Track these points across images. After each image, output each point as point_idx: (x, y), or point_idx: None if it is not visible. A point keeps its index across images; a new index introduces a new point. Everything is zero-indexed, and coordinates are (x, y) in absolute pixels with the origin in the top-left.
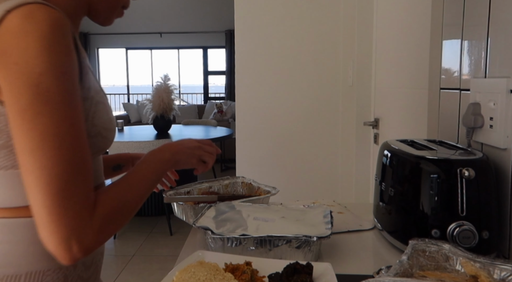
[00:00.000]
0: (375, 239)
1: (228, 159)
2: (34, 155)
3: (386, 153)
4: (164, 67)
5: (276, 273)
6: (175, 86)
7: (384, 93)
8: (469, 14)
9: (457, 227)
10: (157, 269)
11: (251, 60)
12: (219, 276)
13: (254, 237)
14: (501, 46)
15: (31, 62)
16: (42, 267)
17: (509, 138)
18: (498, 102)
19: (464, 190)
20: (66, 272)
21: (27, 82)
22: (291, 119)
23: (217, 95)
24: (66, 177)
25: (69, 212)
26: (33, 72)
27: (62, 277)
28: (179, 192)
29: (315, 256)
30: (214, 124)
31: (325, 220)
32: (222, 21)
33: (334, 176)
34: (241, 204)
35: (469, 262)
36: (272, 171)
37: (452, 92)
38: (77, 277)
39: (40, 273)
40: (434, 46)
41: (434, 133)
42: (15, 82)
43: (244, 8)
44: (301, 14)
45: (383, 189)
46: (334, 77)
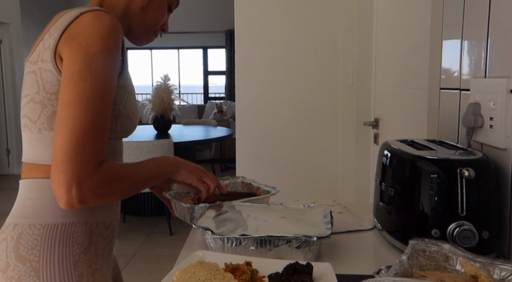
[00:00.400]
0: (375, 239)
1: (228, 159)
2: (68, 107)
3: (386, 153)
4: (164, 67)
5: (276, 273)
6: (175, 86)
7: (384, 93)
8: (469, 14)
9: (457, 227)
10: (157, 269)
11: (251, 60)
12: (219, 276)
13: (254, 237)
14: (501, 46)
15: (91, 44)
16: (74, 220)
17: (509, 138)
18: (498, 102)
19: (464, 190)
20: (91, 227)
21: (84, 56)
22: (291, 119)
23: (217, 95)
24: (85, 129)
25: (79, 157)
26: (90, 50)
27: (88, 231)
28: (179, 193)
29: (315, 256)
30: (214, 124)
31: (325, 220)
32: (222, 21)
33: (334, 176)
34: (241, 204)
35: (469, 262)
36: (272, 171)
37: (452, 92)
38: (99, 233)
39: (72, 224)
40: (434, 46)
41: (434, 133)
42: (75, 55)
43: (244, 8)
44: (301, 14)
45: (383, 189)
46: (334, 77)
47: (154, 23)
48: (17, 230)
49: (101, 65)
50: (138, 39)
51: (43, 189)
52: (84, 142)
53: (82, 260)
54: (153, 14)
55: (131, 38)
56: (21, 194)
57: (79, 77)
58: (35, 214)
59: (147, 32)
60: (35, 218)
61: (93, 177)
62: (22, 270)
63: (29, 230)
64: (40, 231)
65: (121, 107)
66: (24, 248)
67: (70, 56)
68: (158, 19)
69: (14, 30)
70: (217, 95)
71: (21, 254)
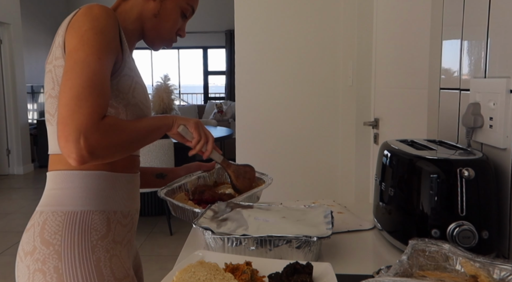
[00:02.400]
0: (375, 239)
1: (228, 159)
2: (67, 73)
3: (386, 153)
4: (164, 67)
5: (276, 273)
6: (175, 86)
7: (384, 93)
8: (469, 14)
9: (457, 227)
10: (157, 269)
11: (251, 60)
12: (219, 276)
13: (254, 237)
14: (501, 46)
15: (82, 24)
16: (92, 207)
17: (508, 138)
18: (498, 102)
19: (464, 190)
20: (109, 215)
21: (77, 35)
22: (291, 119)
23: (217, 95)
24: (85, 86)
25: (83, 109)
26: (81, 29)
27: (106, 219)
28: (172, 189)
29: (315, 256)
30: (214, 124)
31: (326, 220)
32: (222, 21)
33: (334, 176)
34: (242, 204)
35: (469, 262)
36: (272, 171)
37: (452, 92)
38: (117, 221)
39: (90, 212)
40: (434, 46)
41: (434, 133)
42: (72, 36)
43: (244, 8)
44: (301, 14)
45: (383, 189)
46: (334, 77)
47: (167, 30)
48: (43, 217)
49: (92, 38)
50: (153, 44)
51: (65, 180)
52: (85, 97)
53: (100, 246)
54: (165, 20)
55: (147, 42)
56: (48, 185)
57: (75, 50)
58: (58, 203)
59: (161, 38)
60: (58, 206)
61: (98, 127)
62: (46, 253)
63: (52, 217)
64: (61, 218)
65: (129, 95)
66: (48, 233)
67: (69, 38)
68: (171, 25)
69: (14, 30)
70: (217, 95)
71: (45, 238)
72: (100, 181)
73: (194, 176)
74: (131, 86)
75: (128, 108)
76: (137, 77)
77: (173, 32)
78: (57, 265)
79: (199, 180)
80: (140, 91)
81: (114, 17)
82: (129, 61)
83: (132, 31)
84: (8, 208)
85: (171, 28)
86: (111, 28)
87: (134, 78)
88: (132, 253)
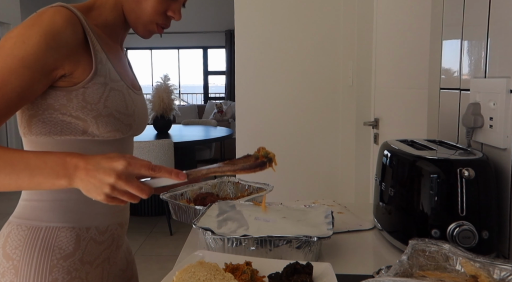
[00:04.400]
0: (375, 239)
1: (228, 159)
2: None
3: (386, 153)
4: (164, 67)
5: (276, 273)
6: (175, 86)
7: (384, 93)
8: (469, 14)
9: (457, 227)
10: (157, 269)
11: (251, 60)
12: (219, 276)
13: (254, 238)
14: (501, 46)
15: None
16: (58, 223)
17: (509, 138)
18: (498, 102)
19: (464, 190)
20: (79, 232)
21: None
22: (291, 119)
23: (217, 95)
24: None
25: None
26: (8, 35)
27: (75, 235)
28: (173, 195)
29: (315, 256)
30: (214, 124)
31: (327, 220)
32: (222, 21)
33: (334, 176)
34: (242, 204)
35: (469, 262)
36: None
37: (452, 92)
38: (90, 238)
39: (56, 228)
40: (434, 46)
41: (434, 133)
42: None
43: (244, 8)
44: (301, 14)
45: (383, 189)
46: (334, 77)
47: (148, 11)
48: (8, 228)
49: (8, 47)
50: (136, 29)
51: (34, 192)
52: None
53: (60, 266)
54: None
55: (132, 28)
56: (22, 194)
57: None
58: (24, 215)
59: (143, 21)
60: (24, 219)
61: None
62: (6, 266)
63: (17, 230)
64: (25, 233)
65: (100, 106)
66: (9, 246)
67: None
68: (151, 6)
69: None
70: (217, 95)
71: (6, 252)
72: (71, 194)
73: (196, 186)
74: (103, 95)
75: (99, 120)
76: (113, 82)
77: (156, 13)
78: (13, 280)
79: (201, 190)
80: (117, 99)
81: (67, 27)
82: (104, 67)
83: (114, 21)
84: (8, 208)
85: (152, 8)
86: (49, 40)
87: (109, 85)
88: (110, 271)
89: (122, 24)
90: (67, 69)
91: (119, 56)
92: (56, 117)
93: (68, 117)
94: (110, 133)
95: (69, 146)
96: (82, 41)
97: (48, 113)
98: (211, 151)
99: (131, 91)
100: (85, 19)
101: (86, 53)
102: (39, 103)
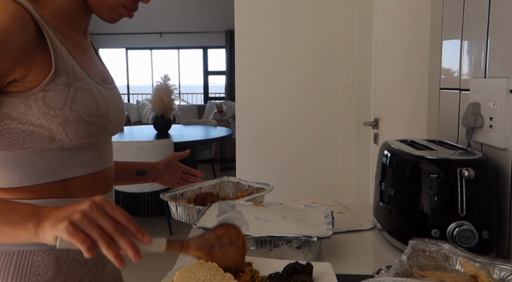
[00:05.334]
0: (375, 239)
1: (228, 159)
2: None
3: (386, 153)
4: (164, 67)
5: (276, 273)
6: (175, 86)
7: (384, 93)
8: (469, 14)
9: (457, 227)
10: (157, 269)
11: (251, 60)
12: (219, 276)
13: (254, 238)
14: (501, 46)
15: None
16: (33, 248)
17: (508, 138)
18: (498, 102)
19: (464, 190)
20: (58, 254)
21: None
22: (291, 119)
23: (217, 95)
24: None
25: None
26: None
27: (54, 259)
28: (173, 195)
29: (315, 256)
30: (214, 124)
31: (327, 220)
32: (222, 21)
33: (334, 176)
34: (242, 204)
35: (469, 262)
36: (272, 171)
37: (452, 92)
38: (72, 259)
39: (30, 253)
40: (434, 46)
41: (434, 133)
42: None
43: (244, 8)
44: (301, 14)
45: (383, 189)
46: (334, 77)
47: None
48: None
49: None
50: (101, 14)
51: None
52: None
53: None
54: None
55: (94, 12)
56: None
57: None
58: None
59: (107, 4)
60: None
61: None
62: None
63: None
64: None
65: (66, 110)
66: None
67: None
68: None
69: None
70: (217, 95)
71: None
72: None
73: (196, 186)
74: (68, 97)
75: (67, 126)
76: (79, 81)
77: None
78: None
79: (201, 190)
80: (85, 100)
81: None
82: (66, 64)
83: (72, 6)
84: None
85: None
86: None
87: (74, 84)
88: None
89: (81, 9)
90: (17, 74)
91: (83, 48)
92: (15, 127)
93: (29, 126)
94: (82, 140)
95: (36, 159)
96: (35, 38)
97: (5, 124)
98: (211, 151)
99: (101, 87)
100: (36, 9)
101: (41, 51)
102: None
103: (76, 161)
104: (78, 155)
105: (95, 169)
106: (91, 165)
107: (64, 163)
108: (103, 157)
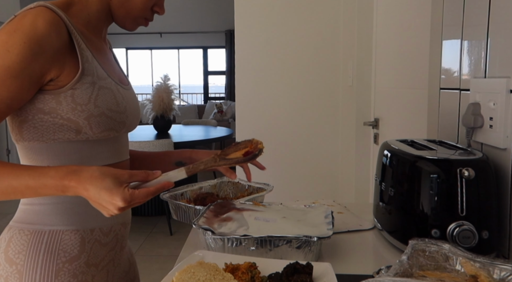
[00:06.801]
0: (375, 239)
1: None
2: None
3: (386, 153)
4: (164, 67)
5: (276, 273)
6: (175, 86)
7: (384, 93)
8: (469, 14)
9: (457, 227)
10: (157, 269)
11: (251, 60)
12: (219, 277)
13: (254, 238)
14: (501, 46)
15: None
16: (62, 226)
17: (508, 138)
18: (498, 102)
19: (464, 190)
20: (83, 235)
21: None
22: (291, 119)
23: (217, 95)
24: None
25: None
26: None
27: (79, 238)
28: (173, 195)
29: (315, 256)
30: (214, 124)
31: (327, 220)
32: (222, 21)
33: (334, 176)
34: (242, 204)
35: (469, 262)
36: (271, 171)
37: (452, 92)
38: (95, 240)
39: (59, 232)
40: (434, 46)
41: (434, 133)
42: None
43: (244, 8)
44: (301, 14)
45: (383, 189)
46: (334, 77)
47: (138, 6)
48: (10, 233)
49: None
50: (124, 24)
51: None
52: None
53: (66, 270)
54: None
55: (117, 22)
56: (22, 199)
57: None
58: (26, 220)
59: (132, 16)
60: (25, 223)
61: None
62: (9, 271)
63: (19, 235)
64: (27, 237)
65: (90, 106)
66: (12, 251)
67: None
68: (142, 3)
69: None
70: (217, 95)
71: (9, 256)
72: (73, 197)
73: (196, 186)
74: (92, 95)
75: (91, 120)
76: (102, 80)
77: (146, 9)
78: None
79: (201, 190)
80: (107, 97)
81: (56, 25)
82: (91, 66)
83: (98, 16)
84: (8, 208)
85: (142, 4)
86: (46, 41)
87: (97, 83)
88: (114, 273)
89: (105, 19)
90: (54, 73)
91: (104, 52)
92: (47, 120)
93: (59, 119)
94: (104, 133)
95: (63, 149)
96: (67, 42)
97: (39, 117)
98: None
99: (119, 87)
100: (68, 17)
101: (71, 54)
102: (28, 108)
103: (98, 152)
104: (99, 147)
105: (114, 161)
106: (110, 156)
107: (88, 154)
108: (121, 150)
